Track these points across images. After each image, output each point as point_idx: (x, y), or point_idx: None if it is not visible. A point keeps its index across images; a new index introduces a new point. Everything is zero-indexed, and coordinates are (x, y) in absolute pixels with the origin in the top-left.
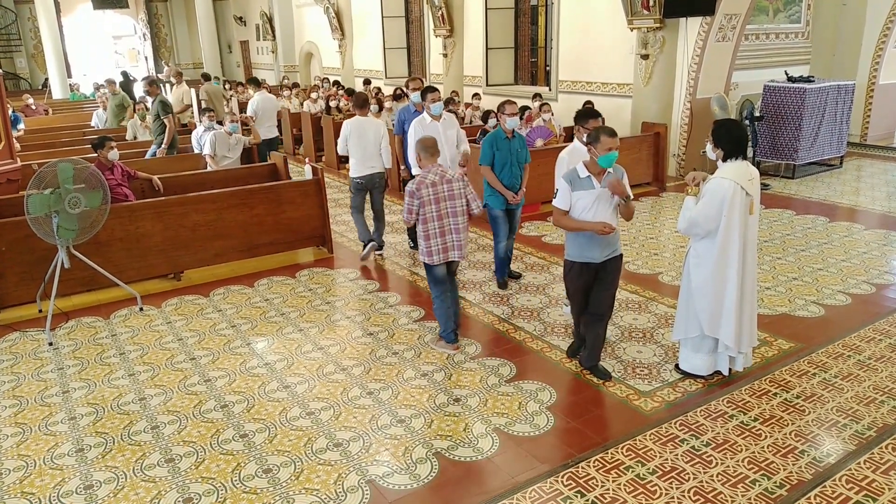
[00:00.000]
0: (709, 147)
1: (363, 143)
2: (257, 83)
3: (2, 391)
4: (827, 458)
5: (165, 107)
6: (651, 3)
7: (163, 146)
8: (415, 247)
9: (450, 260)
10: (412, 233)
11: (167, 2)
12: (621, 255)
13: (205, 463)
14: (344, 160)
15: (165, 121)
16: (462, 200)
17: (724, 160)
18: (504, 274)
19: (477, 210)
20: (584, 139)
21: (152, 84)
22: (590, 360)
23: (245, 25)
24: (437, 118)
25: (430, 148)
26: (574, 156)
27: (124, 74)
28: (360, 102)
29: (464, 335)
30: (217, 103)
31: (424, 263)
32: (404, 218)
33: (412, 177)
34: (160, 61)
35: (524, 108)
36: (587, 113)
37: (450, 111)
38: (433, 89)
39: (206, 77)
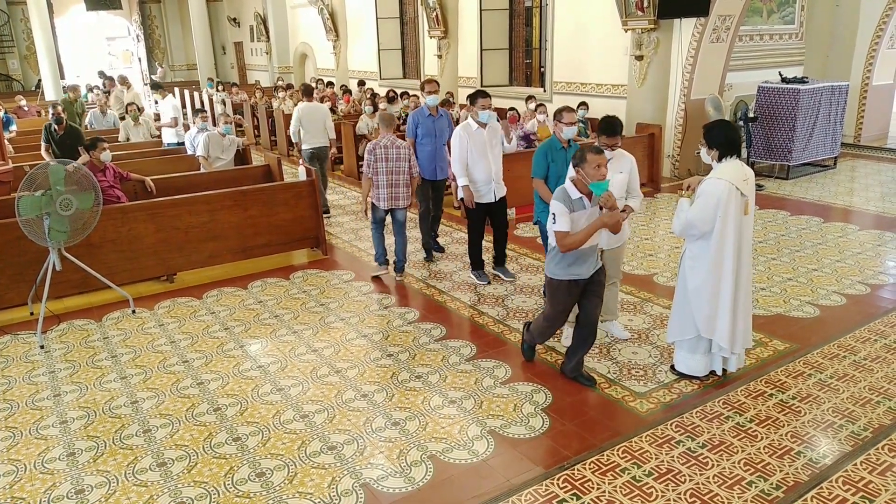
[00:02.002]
0: (703, 150)
1: (313, 123)
2: (161, 88)
3: None
4: (823, 460)
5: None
6: (645, 4)
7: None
8: (428, 258)
9: (393, 207)
10: (428, 246)
11: (161, 3)
12: (604, 265)
13: (197, 467)
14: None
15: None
16: (406, 163)
17: (719, 161)
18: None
19: (416, 174)
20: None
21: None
22: (576, 370)
23: (239, 27)
24: (484, 126)
25: (387, 120)
26: None
27: (102, 75)
28: (308, 91)
29: (459, 337)
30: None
31: (372, 204)
32: (364, 171)
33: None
34: (154, 63)
35: (510, 110)
36: (608, 128)
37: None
38: (484, 94)
39: (123, 80)
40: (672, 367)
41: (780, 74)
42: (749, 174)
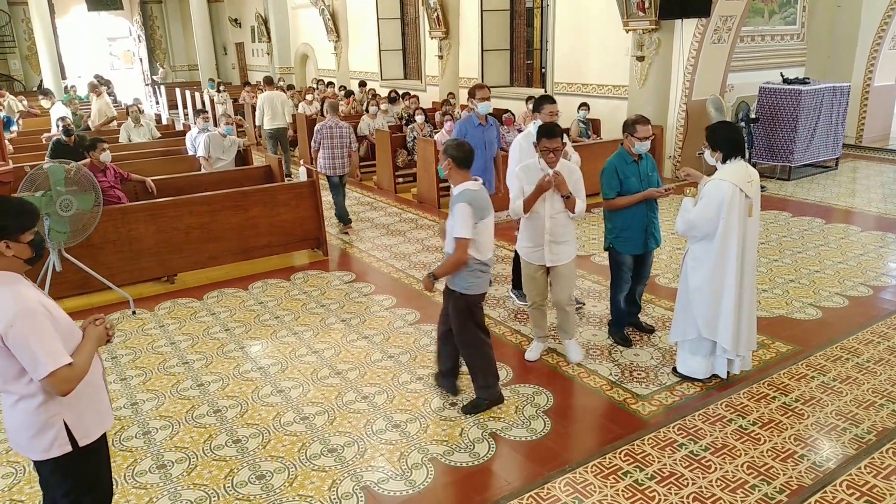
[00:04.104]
0: (707, 153)
1: (272, 108)
2: (50, 94)
3: None
4: (827, 463)
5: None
6: (646, 4)
7: None
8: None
9: (338, 174)
10: None
11: (162, 3)
12: (451, 291)
13: (197, 469)
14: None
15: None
16: (347, 140)
17: (724, 162)
18: (622, 327)
19: (355, 147)
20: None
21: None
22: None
23: (240, 27)
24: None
25: (333, 106)
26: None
27: (97, 78)
28: (269, 80)
29: None
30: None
31: (326, 175)
32: (312, 146)
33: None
34: (155, 63)
35: (506, 112)
36: (545, 131)
37: (446, 112)
38: (551, 100)
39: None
40: (674, 368)
41: (782, 75)
42: (753, 175)
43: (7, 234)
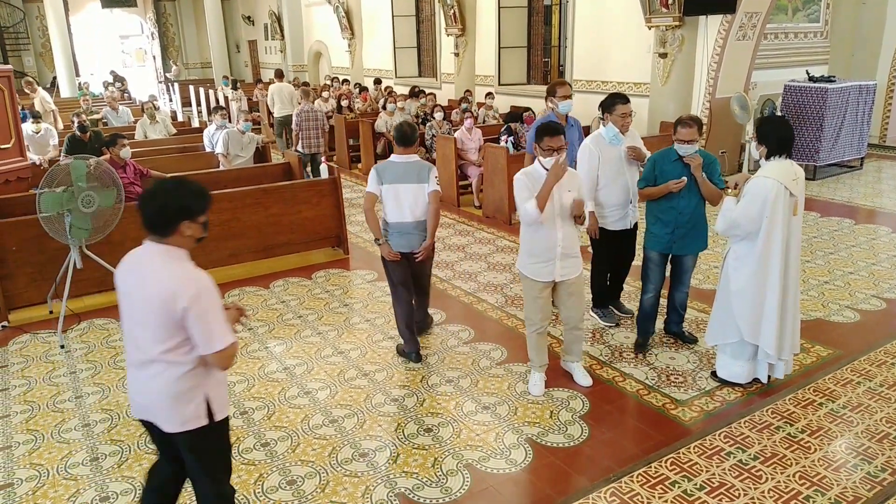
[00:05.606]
0: (753, 145)
1: (281, 97)
2: (39, 117)
3: (13, 396)
4: (882, 473)
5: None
6: (670, 0)
7: None
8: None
9: (315, 153)
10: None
11: (175, 1)
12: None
13: None
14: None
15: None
16: (322, 122)
17: (768, 158)
18: (649, 332)
19: (328, 129)
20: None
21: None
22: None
23: (253, 25)
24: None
25: (307, 93)
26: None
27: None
28: (279, 73)
29: (488, 340)
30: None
31: (303, 154)
32: (294, 129)
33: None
34: (168, 60)
35: (526, 110)
36: (549, 130)
37: (465, 110)
38: (624, 99)
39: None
40: (713, 373)
41: (808, 73)
42: (799, 173)
43: (190, 215)
